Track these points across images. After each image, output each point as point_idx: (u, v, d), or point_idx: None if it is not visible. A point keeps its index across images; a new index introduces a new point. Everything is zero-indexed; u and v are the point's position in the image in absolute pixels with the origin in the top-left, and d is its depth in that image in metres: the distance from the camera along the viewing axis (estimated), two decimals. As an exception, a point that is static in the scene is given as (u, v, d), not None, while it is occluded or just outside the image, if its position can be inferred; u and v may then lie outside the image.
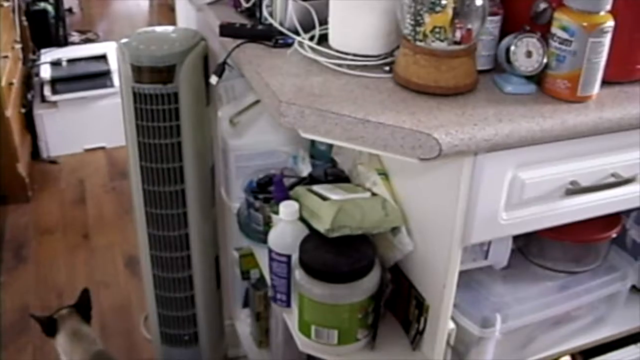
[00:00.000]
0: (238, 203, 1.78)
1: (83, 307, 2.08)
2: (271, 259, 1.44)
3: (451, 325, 1.35)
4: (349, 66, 1.31)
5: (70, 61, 4.02)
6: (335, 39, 1.35)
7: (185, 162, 1.66)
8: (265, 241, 1.49)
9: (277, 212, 1.43)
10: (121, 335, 2.66)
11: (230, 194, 1.85)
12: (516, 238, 1.46)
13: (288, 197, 1.46)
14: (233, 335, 2.26)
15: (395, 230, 1.37)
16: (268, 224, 1.58)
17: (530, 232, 1.33)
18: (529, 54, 1.21)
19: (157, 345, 2.04)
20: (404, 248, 1.37)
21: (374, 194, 1.41)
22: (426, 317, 1.36)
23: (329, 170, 1.59)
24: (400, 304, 1.44)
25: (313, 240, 1.36)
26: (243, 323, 2.26)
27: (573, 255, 1.57)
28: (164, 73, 1.56)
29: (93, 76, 3.93)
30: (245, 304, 2.22)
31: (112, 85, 3.89)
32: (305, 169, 1.68)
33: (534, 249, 1.58)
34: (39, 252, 3.19)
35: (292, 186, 1.53)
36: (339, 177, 1.56)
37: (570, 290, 1.54)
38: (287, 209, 1.40)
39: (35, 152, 3.91)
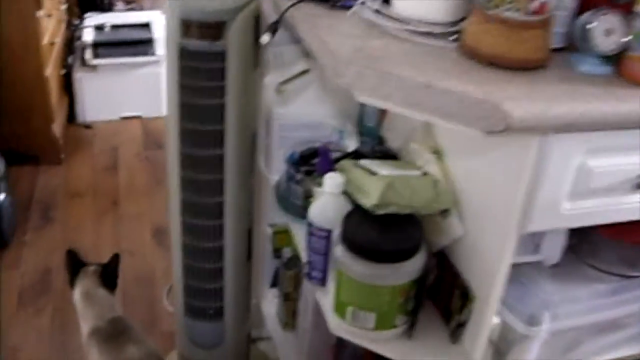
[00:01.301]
0: (277, 175, 1.72)
1: (109, 272, 2.02)
2: (310, 234, 1.37)
3: (496, 320, 1.27)
4: (412, 32, 1.23)
5: (114, 27, 3.97)
6: (399, 3, 1.27)
7: (227, 126, 1.58)
8: (303, 216, 1.43)
9: (320, 185, 1.36)
10: (142, 306, 2.61)
11: (269, 165, 1.78)
12: (569, 234, 1.37)
13: (333, 170, 1.38)
14: (257, 315, 2.19)
15: (445, 212, 1.29)
16: (308, 198, 1.51)
17: (588, 227, 1.24)
18: (608, 33, 1.12)
19: (179, 318, 1.97)
20: (453, 232, 1.29)
21: (425, 174, 1.33)
22: (470, 308, 1.28)
23: (377, 147, 1.51)
24: (442, 293, 1.36)
25: (357, 215, 1.28)
26: (269, 303, 2.19)
27: (628, 257, 1.48)
28: (213, 29, 1.48)
29: (135, 43, 3.89)
30: (274, 284, 2.15)
31: (153, 54, 3.86)
32: (351, 145, 1.60)
33: (586, 248, 1.48)
34: (66, 214, 3.16)
35: (337, 160, 1.46)
36: (387, 155, 1.48)
37: (623, 295, 1.45)
38: (332, 181, 1.33)
39: (71, 116, 3.89)
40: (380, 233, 1.25)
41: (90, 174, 3.46)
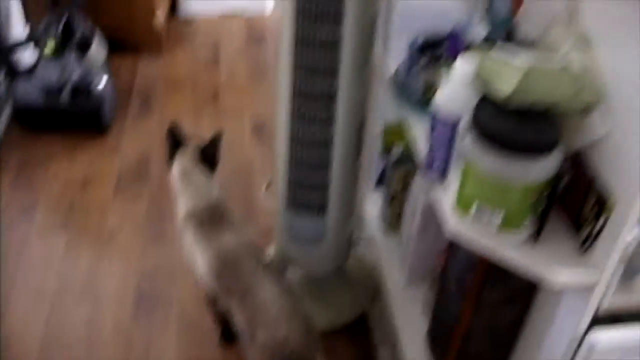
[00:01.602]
0: (395, 65, 1.60)
1: (210, 151, 1.93)
2: (433, 124, 1.26)
3: (633, 234, 1.14)
4: None
5: None
6: None
7: (346, 7, 1.46)
8: (423, 107, 1.32)
9: (448, 71, 1.24)
10: (240, 201, 2.57)
11: (388, 53, 1.66)
12: None
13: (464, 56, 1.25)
14: (359, 215, 2.10)
15: (587, 108, 1.15)
16: (429, 88, 1.40)
17: None
18: None
19: (279, 213, 1.90)
20: (594, 132, 1.16)
21: (567, 65, 1.19)
22: (607, 217, 1.15)
23: (510, 35, 1.37)
24: (575, 199, 1.23)
25: (489, 105, 1.16)
26: (373, 204, 2.10)
27: None
28: None
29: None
30: (379, 183, 2.05)
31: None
32: (479, 35, 1.46)
33: None
34: (166, 105, 3.13)
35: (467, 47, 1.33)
36: (521, 45, 1.34)
37: None
38: (462, 67, 1.21)
39: (174, 9, 3.84)
40: (515, 124, 1.13)
41: (190, 67, 3.41)
